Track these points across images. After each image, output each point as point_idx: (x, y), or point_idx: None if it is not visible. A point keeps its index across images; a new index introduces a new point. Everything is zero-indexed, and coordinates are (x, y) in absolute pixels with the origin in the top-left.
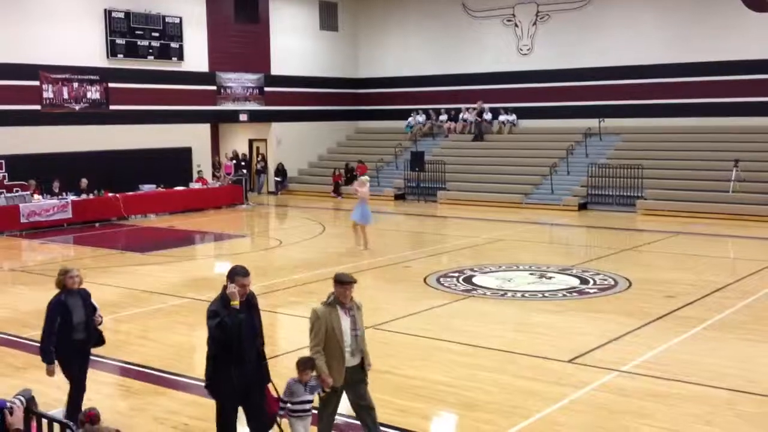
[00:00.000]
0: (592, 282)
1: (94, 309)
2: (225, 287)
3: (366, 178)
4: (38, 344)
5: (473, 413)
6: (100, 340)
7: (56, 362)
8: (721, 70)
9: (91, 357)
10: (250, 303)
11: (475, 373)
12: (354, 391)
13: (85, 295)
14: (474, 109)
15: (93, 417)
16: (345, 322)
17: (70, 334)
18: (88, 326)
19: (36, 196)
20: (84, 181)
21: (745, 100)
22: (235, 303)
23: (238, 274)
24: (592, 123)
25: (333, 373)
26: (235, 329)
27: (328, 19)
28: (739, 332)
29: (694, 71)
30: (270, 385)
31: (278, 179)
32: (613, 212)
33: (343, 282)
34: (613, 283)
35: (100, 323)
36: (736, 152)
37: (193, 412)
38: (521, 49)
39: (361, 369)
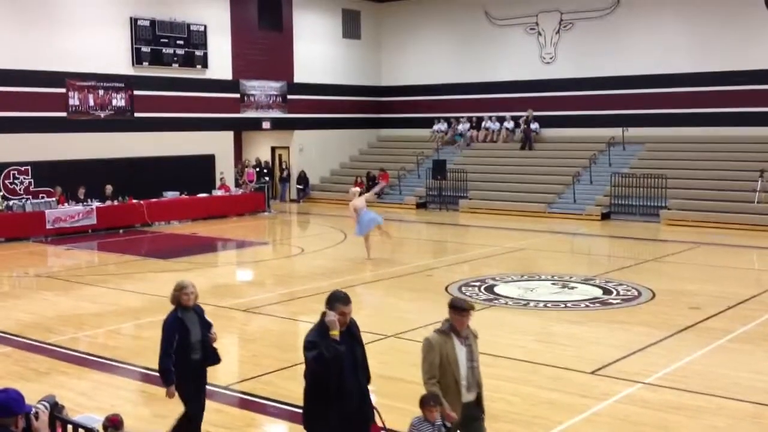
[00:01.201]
0: (615, 292)
1: (209, 326)
2: (323, 315)
3: (355, 189)
4: (63, 349)
5: (495, 424)
6: (215, 359)
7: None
8: (745, 79)
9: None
10: (351, 333)
11: (497, 384)
12: (469, 431)
13: (200, 312)
14: (522, 117)
15: (117, 422)
16: (461, 353)
17: (187, 354)
18: (205, 345)
19: (62, 205)
20: (109, 188)
21: None
22: (335, 333)
23: (338, 300)
24: (616, 132)
25: None
26: (334, 362)
27: (351, 26)
28: (765, 345)
29: (718, 80)
30: (378, 420)
31: (300, 187)
32: (636, 222)
33: (461, 309)
34: (636, 293)
35: (215, 340)
36: (762, 162)
37: (216, 419)
38: (544, 58)
39: (477, 405)
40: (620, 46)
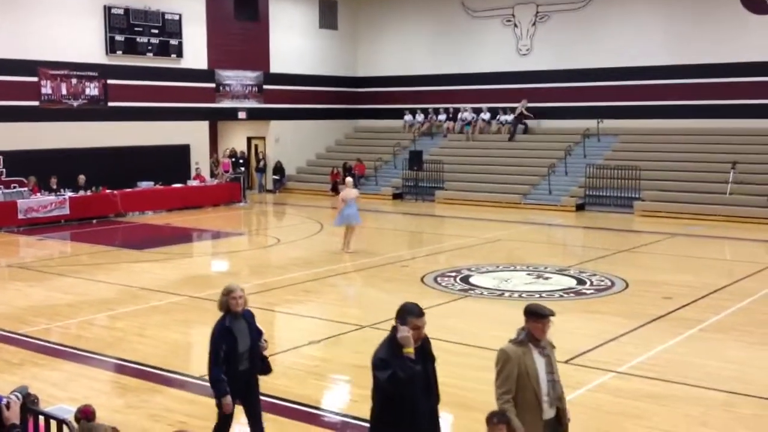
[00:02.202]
0: (589, 283)
1: (260, 333)
2: (394, 329)
3: (349, 180)
4: (36, 340)
5: (469, 413)
6: (265, 369)
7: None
8: (719, 72)
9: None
10: (424, 349)
11: (472, 373)
12: None
13: (249, 318)
14: (514, 109)
15: (89, 414)
16: (540, 365)
17: (234, 365)
18: (254, 354)
19: (35, 195)
20: (82, 178)
21: (743, 102)
22: (410, 351)
23: (410, 313)
24: (591, 124)
25: (528, 429)
26: (409, 383)
27: (328, 17)
28: (736, 334)
29: (692, 73)
30: None
31: (276, 177)
32: (610, 213)
33: (541, 315)
34: (610, 284)
35: (266, 349)
36: (734, 154)
37: (190, 409)
38: (520, 50)
39: (559, 423)
40: (595, 38)
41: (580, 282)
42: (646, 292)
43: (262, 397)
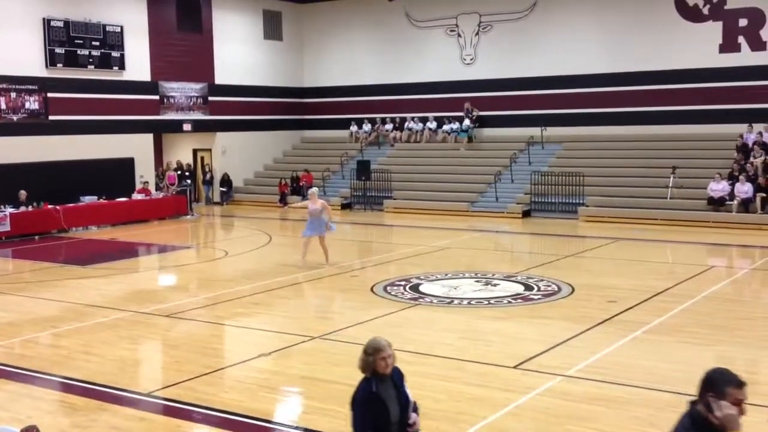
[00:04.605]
0: (536, 288)
1: (407, 401)
2: (696, 404)
3: (314, 190)
4: None
5: (423, 422)
6: None
7: None
8: (657, 79)
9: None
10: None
11: (424, 381)
12: None
13: (398, 380)
14: (460, 118)
15: None
16: None
17: None
18: (402, 425)
19: None
20: (23, 193)
21: (681, 108)
22: None
23: (729, 383)
24: (535, 131)
25: None
26: None
27: (272, 28)
28: (679, 335)
29: (631, 80)
30: None
31: (224, 189)
32: (555, 219)
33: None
34: (556, 289)
35: (414, 423)
36: (673, 159)
37: (139, 427)
38: (464, 59)
39: None
40: (537, 47)
41: (528, 288)
42: (591, 296)
43: (211, 412)
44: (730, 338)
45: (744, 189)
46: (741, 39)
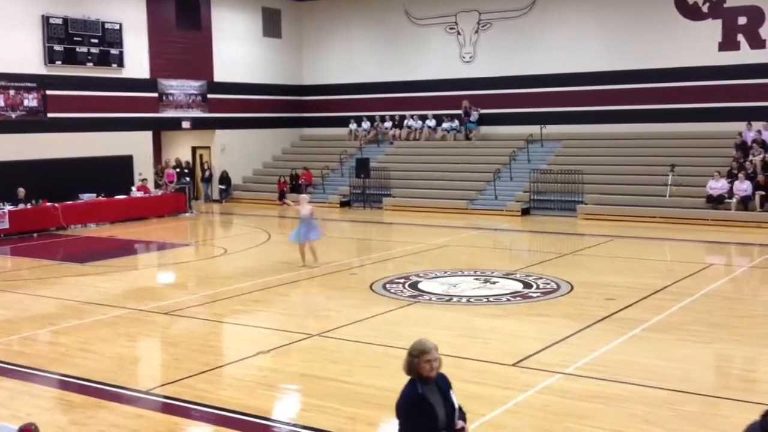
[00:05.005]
0: (535, 286)
1: (454, 408)
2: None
3: (304, 196)
4: None
5: None
6: None
7: None
8: (657, 77)
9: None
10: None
11: None
12: None
13: (443, 385)
14: (459, 116)
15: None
16: None
17: None
18: (450, 430)
19: None
20: (21, 191)
21: (680, 106)
22: None
23: None
24: (534, 129)
25: None
26: None
27: (272, 26)
28: (677, 333)
29: (631, 78)
30: None
31: (222, 187)
32: (554, 217)
33: None
34: (555, 287)
35: (462, 429)
36: (673, 157)
37: (137, 424)
38: (464, 57)
39: None
40: (537, 45)
41: (527, 285)
42: (590, 294)
43: (209, 409)
44: (728, 336)
45: (743, 187)
46: (740, 37)
